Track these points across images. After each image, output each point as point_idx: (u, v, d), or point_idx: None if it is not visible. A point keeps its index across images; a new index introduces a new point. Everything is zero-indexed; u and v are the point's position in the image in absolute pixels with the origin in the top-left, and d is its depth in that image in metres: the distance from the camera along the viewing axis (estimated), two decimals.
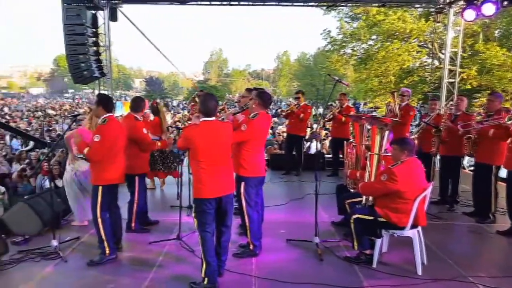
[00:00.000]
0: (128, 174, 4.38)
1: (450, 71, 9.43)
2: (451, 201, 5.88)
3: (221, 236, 3.58)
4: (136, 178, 4.64)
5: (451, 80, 9.32)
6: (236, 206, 3.96)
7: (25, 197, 5.52)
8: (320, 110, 29.74)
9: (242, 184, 3.95)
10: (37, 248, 4.22)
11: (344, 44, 18.98)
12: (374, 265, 3.83)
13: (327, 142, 10.82)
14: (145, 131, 4.60)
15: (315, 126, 11.55)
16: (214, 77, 60.45)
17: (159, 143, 4.95)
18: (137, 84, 68.73)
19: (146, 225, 4.96)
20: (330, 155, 8.46)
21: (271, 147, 9.43)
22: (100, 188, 3.92)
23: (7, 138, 12.68)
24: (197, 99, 7.19)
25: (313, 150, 10.00)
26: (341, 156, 7.47)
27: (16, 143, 12.17)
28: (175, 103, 39.96)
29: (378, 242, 3.84)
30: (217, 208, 3.40)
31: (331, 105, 12.12)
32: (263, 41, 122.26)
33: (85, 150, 3.84)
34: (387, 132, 4.02)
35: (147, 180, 6.00)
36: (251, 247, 4.09)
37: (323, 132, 12.11)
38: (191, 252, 4.15)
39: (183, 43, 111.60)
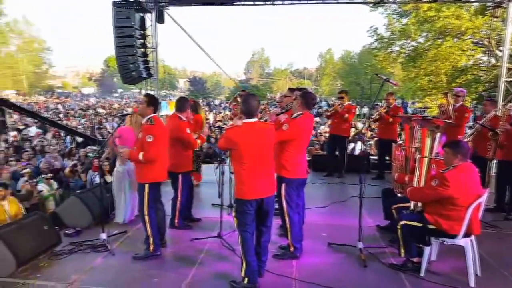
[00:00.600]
0: (171, 172, 4.49)
1: (509, 69, 8.79)
2: (508, 209, 5.48)
3: (261, 236, 3.55)
4: (180, 176, 4.74)
5: (509, 79, 8.68)
6: (277, 207, 3.92)
7: (77, 191, 5.81)
8: (365, 110, 28.95)
9: (283, 185, 3.90)
10: (87, 240, 4.45)
11: (392, 41, 18.29)
12: (422, 274, 3.64)
13: (372, 143, 10.49)
14: (188, 130, 4.69)
15: (360, 126, 11.23)
16: (256, 76, 60.72)
17: (199, 141, 5.02)
18: (181, 84, 70.56)
19: (189, 222, 5.06)
20: (376, 157, 8.19)
21: (312, 148, 9.28)
22: (147, 186, 4.04)
23: (62, 134, 13.44)
24: (239, 99, 7.26)
25: (357, 151, 9.73)
26: (387, 158, 7.21)
27: (68, 139, 12.88)
28: (216, 102, 40.59)
29: (427, 250, 3.65)
30: (257, 209, 3.38)
31: (377, 104, 11.73)
32: (306, 39, 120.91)
33: (140, 156, 3.92)
34: (438, 135, 3.81)
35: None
36: (291, 249, 4.04)
37: (368, 133, 11.76)
38: (232, 251, 4.18)
39: (226, 43, 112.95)
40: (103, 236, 4.36)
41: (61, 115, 20.25)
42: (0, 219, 4.93)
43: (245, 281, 3.37)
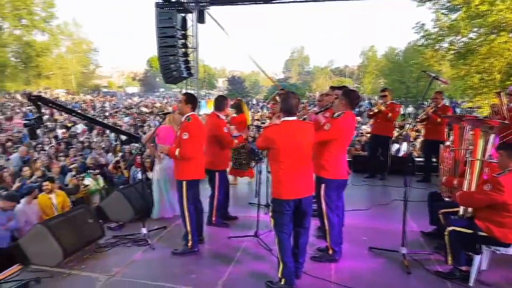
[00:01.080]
0: (209, 170, 4.53)
1: None
2: None
3: (298, 237, 3.48)
4: (217, 174, 4.76)
5: None
6: (315, 208, 3.82)
7: (120, 187, 6.01)
8: (410, 109, 27.85)
9: (323, 186, 3.79)
10: (129, 234, 4.59)
11: (440, 38, 17.39)
12: (471, 284, 3.41)
13: (416, 144, 10.04)
14: (225, 129, 4.70)
15: (406, 126, 10.75)
16: (295, 75, 60.31)
17: (236, 141, 5.01)
18: (220, 83, 71.52)
19: (226, 220, 5.08)
20: (421, 159, 7.82)
21: (352, 148, 9.02)
22: (184, 183, 4.09)
23: (108, 132, 14.00)
24: (277, 98, 7.18)
25: (402, 153, 9.35)
26: (434, 160, 6.85)
27: (113, 137, 13.39)
28: (254, 101, 40.75)
29: (477, 258, 3.41)
30: (295, 209, 3.31)
31: (423, 104, 11.17)
32: (348, 37, 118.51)
33: (177, 152, 4.01)
34: (492, 136, 3.54)
35: (230, 176, 6.15)
36: (330, 252, 3.92)
37: (413, 133, 11.26)
38: (268, 250, 4.14)
39: (265, 42, 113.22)
40: (144, 230, 4.47)
41: (107, 113, 21.10)
42: (48, 212, 5.20)
43: (282, 282, 3.32)
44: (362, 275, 3.68)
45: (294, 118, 3.28)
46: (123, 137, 11.02)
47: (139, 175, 7.20)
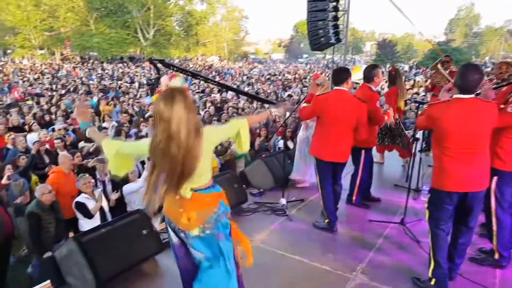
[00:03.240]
0: (354, 147, 4.21)
1: None
2: None
3: (458, 236, 2.97)
4: (362, 151, 4.42)
5: None
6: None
7: (263, 155, 6.21)
8: None
9: (495, 178, 3.12)
10: (269, 202, 4.70)
11: None
12: None
13: None
14: (378, 104, 4.24)
15: None
16: (459, 37, 52.38)
17: (386, 117, 4.51)
18: (368, 47, 67.51)
19: (367, 201, 4.75)
20: None
21: None
22: (315, 160, 3.96)
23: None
24: (439, 67, 6.21)
25: None
26: None
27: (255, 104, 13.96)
28: (406, 67, 37.12)
29: None
30: (458, 204, 2.81)
31: None
32: None
33: (303, 105, 3.92)
34: None
35: (376, 154, 5.73)
36: (496, 256, 3.29)
37: None
38: (416, 242, 3.73)
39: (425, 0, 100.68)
40: (283, 201, 4.52)
41: (253, 80, 22.19)
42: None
43: (432, 282, 2.93)
44: None
45: (471, 96, 2.68)
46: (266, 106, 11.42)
47: (280, 144, 7.35)
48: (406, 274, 3.19)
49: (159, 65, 7.97)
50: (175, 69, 8.29)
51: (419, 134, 4.03)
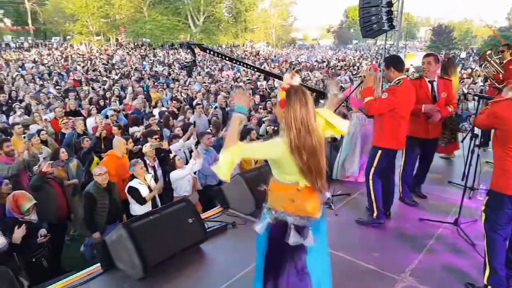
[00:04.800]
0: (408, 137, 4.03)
1: None
2: None
3: None
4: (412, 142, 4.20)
5: None
6: None
7: None
8: None
9: None
10: None
11: None
12: None
13: None
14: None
15: None
16: None
17: (450, 108, 4.23)
18: (422, 33, 64.01)
19: (417, 197, 4.53)
20: None
21: None
22: (380, 151, 3.78)
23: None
24: (488, 57, 5.67)
25: None
26: None
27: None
28: (463, 55, 34.72)
29: None
30: None
31: None
32: None
33: (367, 99, 3.70)
34: None
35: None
36: None
37: None
38: (471, 245, 3.51)
39: None
40: (328, 194, 4.38)
41: (299, 67, 21.81)
42: (245, 167, 5.62)
43: None
44: None
45: None
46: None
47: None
48: (459, 279, 3.02)
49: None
50: (211, 52, 8.74)
51: (478, 130, 3.74)
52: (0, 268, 2.59)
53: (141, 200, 4.40)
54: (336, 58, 31.23)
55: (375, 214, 3.87)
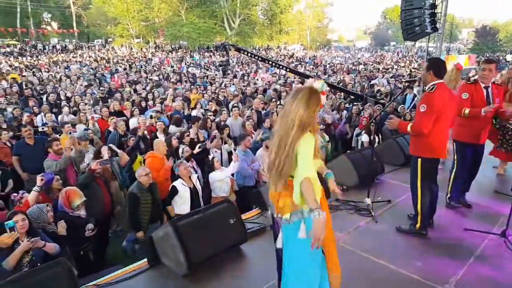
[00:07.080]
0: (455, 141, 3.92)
1: None
2: None
3: None
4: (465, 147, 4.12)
5: None
6: None
7: (348, 151, 6.03)
8: None
9: None
10: (352, 201, 4.57)
11: None
12: None
13: None
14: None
15: None
16: None
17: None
18: (464, 34, 61.37)
19: (460, 205, 4.39)
20: None
21: None
22: (420, 160, 3.66)
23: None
24: None
25: None
26: None
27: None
28: (509, 57, 32.95)
29: None
30: None
31: None
32: None
33: (408, 128, 3.58)
34: None
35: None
36: None
37: None
38: None
39: None
40: (367, 201, 4.36)
41: (332, 70, 21.47)
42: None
43: None
44: None
45: None
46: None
47: (363, 138, 7.04)
48: None
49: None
50: (245, 52, 9.17)
51: None
52: (61, 258, 2.78)
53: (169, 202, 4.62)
54: (373, 60, 30.54)
55: (418, 225, 3.78)
